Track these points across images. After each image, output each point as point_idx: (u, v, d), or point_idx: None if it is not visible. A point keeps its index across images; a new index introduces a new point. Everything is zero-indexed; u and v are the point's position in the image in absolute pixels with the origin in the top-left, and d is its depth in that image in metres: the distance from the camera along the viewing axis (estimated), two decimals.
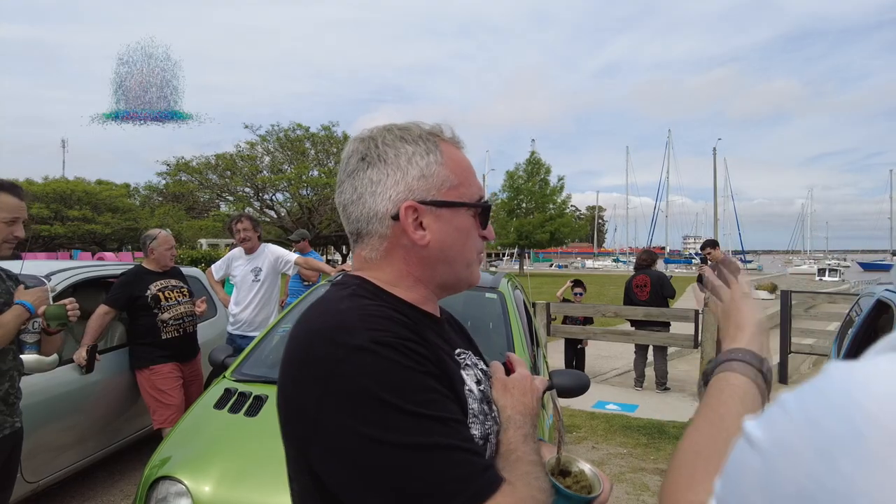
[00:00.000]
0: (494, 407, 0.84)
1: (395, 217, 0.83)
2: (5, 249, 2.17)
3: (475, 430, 0.77)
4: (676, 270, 50.91)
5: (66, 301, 2.37)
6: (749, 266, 56.29)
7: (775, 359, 7.85)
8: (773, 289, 19.60)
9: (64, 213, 33.50)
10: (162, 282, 3.88)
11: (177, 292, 3.93)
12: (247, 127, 32.69)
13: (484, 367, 0.93)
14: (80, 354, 3.45)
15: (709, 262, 7.02)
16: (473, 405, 0.80)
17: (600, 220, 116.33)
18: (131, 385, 3.81)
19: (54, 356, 3.00)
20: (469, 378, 0.84)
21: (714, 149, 52.53)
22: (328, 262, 11.18)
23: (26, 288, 2.27)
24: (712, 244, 6.96)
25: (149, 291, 3.78)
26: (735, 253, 73.21)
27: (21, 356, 2.28)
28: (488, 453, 0.77)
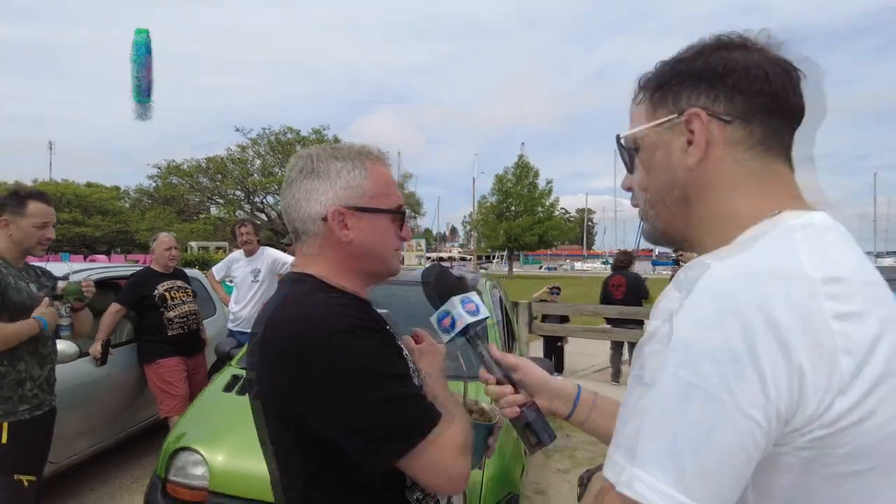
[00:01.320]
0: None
1: (326, 219, 1.03)
2: (39, 251, 2.52)
3: (416, 382, 1.03)
4: (664, 272, 51.40)
5: (80, 279, 2.72)
6: None
7: None
8: None
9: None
10: (168, 283, 4.21)
11: (182, 292, 4.26)
12: (238, 130, 32.95)
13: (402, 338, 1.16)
14: (96, 348, 3.77)
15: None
16: (411, 364, 1.06)
17: (590, 223, 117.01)
18: (140, 377, 4.14)
19: (75, 348, 3.33)
20: (402, 346, 1.09)
21: None
22: None
23: (63, 280, 2.62)
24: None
25: (156, 291, 4.11)
26: None
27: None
28: None
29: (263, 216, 33.79)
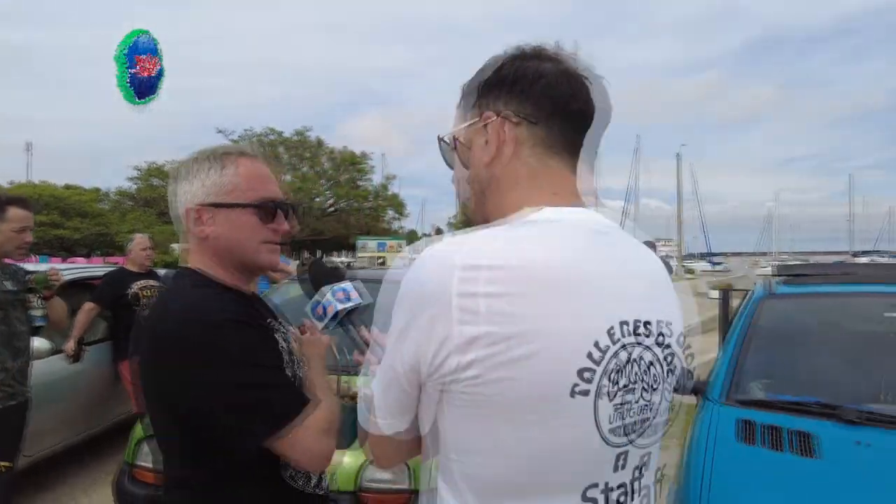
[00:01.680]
0: (297, 356, 1.17)
1: (187, 217, 1.11)
2: (17, 254, 2.68)
3: (289, 372, 1.11)
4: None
5: (47, 269, 2.91)
6: (717, 268, 58.13)
7: (712, 355, 8.39)
8: (727, 287, 20.37)
9: None
10: (142, 282, 4.33)
11: (156, 291, 4.38)
12: (220, 132, 32.67)
13: (288, 329, 1.23)
14: (70, 345, 3.88)
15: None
16: (285, 356, 1.12)
17: None
18: (113, 374, 4.26)
19: (49, 345, 3.46)
20: (279, 339, 1.14)
21: (678, 154, 54.28)
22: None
23: (34, 275, 2.77)
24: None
25: (130, 290, 4.23)
26: (703, 255, 75.44)
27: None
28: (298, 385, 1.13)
29: None
